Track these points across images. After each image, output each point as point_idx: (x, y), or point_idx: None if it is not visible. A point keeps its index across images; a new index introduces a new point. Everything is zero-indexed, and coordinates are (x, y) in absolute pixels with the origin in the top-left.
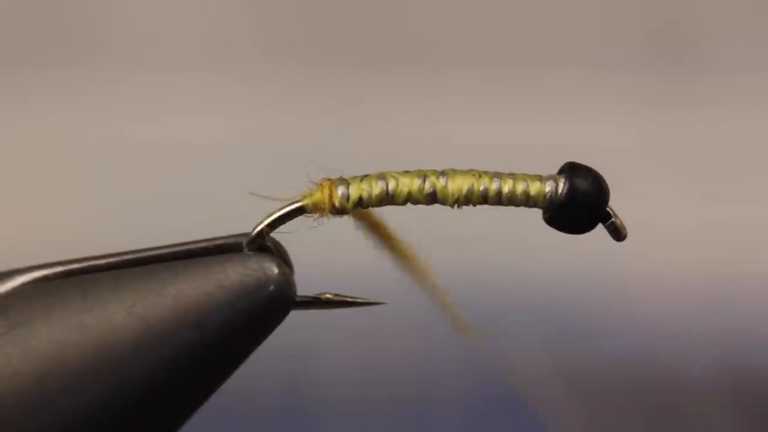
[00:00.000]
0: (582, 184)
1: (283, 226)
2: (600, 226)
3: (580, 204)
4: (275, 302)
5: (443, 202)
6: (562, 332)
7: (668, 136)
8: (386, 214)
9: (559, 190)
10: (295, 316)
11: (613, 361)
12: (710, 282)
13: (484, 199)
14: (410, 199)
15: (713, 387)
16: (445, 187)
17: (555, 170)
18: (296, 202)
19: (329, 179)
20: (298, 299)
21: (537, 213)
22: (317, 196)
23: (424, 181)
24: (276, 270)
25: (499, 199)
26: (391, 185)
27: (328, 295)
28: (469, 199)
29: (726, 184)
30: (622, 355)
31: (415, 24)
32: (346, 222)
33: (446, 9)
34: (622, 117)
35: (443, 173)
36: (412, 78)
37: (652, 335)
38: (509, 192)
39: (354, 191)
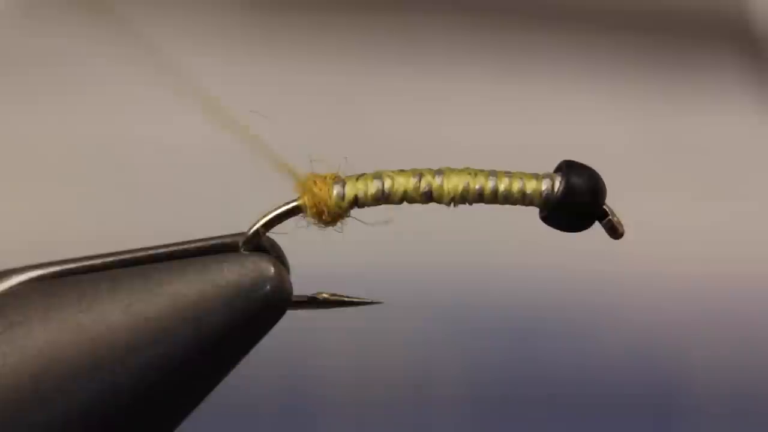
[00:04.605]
0: (578, 182)
1: (279, 225)
2: (597, 224)
3: (577, 202)
4: (271, 302)
5: (439, 201)
6: (560, 332)
7: (665, 136)
8: (384, 213)
9: (556, 188)
10: (291, 316)
11: (612, 362)
12: (708, 282)
13: (480, 197)
14: (406, 197)
15: (713, 387)
16: (441, 185)
17: (551, 169)
18: (292, 201)
19: (323, 176)
20: (294, 299)
21: (533, 211)
22: (313, 194)
23: (420, 180)
24: (272, 270)
25: (495, 198)
26: (387, 184)
27: (324, 295)
28: (465, 198)
29: (722, 183)
30: (619, 355)
31: (414, 24)
32: (343, 221)
33: (445, 9)
34: (618, 117)
35: (439, 172)
36: (411, 78)
37: (650, 335)
38: (505, 190)
39: (350, 190)
